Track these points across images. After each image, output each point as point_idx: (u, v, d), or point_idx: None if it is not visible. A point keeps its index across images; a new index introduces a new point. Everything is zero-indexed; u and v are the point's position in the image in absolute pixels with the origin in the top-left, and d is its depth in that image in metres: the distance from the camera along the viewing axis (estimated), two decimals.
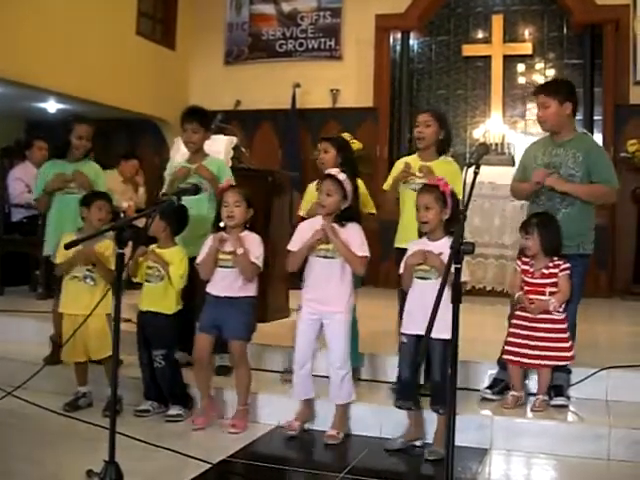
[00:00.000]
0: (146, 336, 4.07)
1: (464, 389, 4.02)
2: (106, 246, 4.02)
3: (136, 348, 4.11)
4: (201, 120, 4.45)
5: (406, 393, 3.61)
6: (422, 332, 3.41)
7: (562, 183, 3.90)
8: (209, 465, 3.30)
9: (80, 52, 7.85)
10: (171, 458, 3.37)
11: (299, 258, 3.77)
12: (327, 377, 3.83)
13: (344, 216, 3.73)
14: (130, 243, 3.01)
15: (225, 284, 3.85)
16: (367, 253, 3.74)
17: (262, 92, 9.32)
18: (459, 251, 2.51)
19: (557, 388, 3.93)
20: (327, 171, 3.84)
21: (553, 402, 3.88)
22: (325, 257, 3.73)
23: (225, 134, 5.57)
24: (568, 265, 3.83)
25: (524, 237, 3.85)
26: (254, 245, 3.85)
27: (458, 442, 2.58)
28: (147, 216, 3.26)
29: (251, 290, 3.90)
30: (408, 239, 3.85)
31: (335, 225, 3.71)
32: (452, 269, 2.52)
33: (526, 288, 3.89)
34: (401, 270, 3.64)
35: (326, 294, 3.74)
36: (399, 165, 4.26)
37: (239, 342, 3.87)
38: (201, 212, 4.29)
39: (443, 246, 3.47)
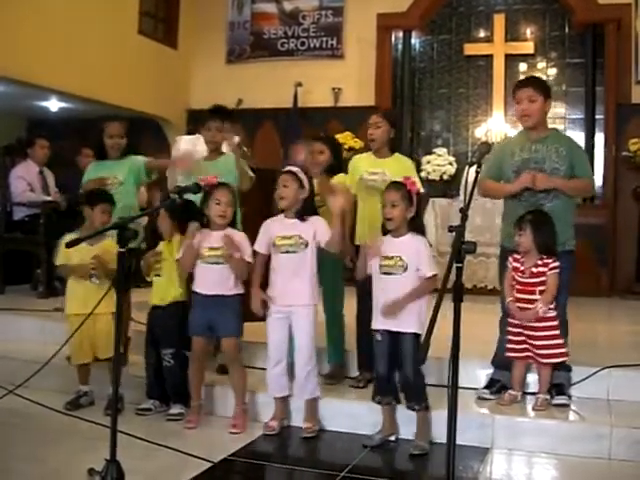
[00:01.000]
0: (154, 335, 4.07)
1: (464, 388, 4.02)
2: (109, 244, 4.02)
3: (143, 346, 4.12)
4: (227, 119, 4.46)
5: (384, 389, 3.66)
6: (392, 327, 3.54)
7: (551, 180, 3.90)
8: (210, 464, 3.30)
9: (82, 51, 7.86)
10: (172, 457, 3.37)
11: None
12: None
13: (303, 210, 3.78)
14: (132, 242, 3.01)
15: (214, 281, 3.85)
16: (329, 235, 3.76)
17: (264, 91, 9.32)
18: (460, 250, 2.51)
19: (558, 387, 3.93)
20: (288, 168, 3.88)
21: (554, 401, 3.88)
22: (287, 252, 3.77)
23: None
24: (557, 264, 3.82)
25: (517, 233, 3.85)
26: (244, 243, 3.88)
27: (459, 441, 2.57)
28: (150, 214, 3.27)
29: (240, 287, 3.91)
30: (364, 235, 4.00)
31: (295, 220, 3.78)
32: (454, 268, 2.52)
33: (517, 287, 3.89)
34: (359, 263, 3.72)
35: (290, 289, 3.77)
36: (353, 163, 4.39)
37: (233, 340, 3.89)
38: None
39: (407, 242, 3.59)
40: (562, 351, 3.84)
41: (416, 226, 3.64)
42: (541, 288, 3.81)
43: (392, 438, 3.72)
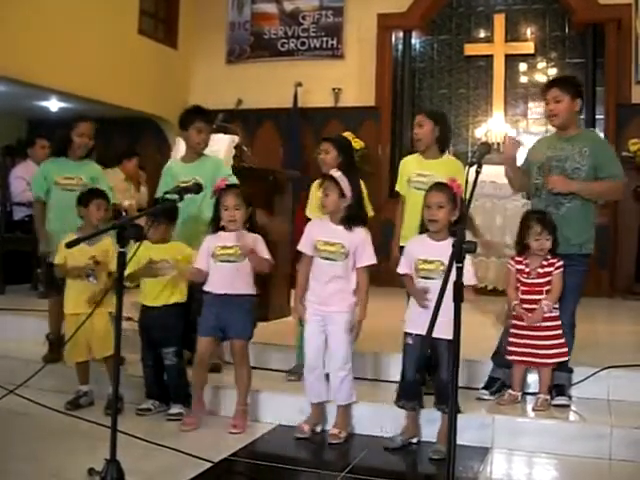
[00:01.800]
0: (152, 338, 4.05)
1: (466, 388, 4.03)
2: (108, 244, 4.02)
3: (140, 345, 4.11)
4: (208, 119, 4.45)
5: (409, 393, 3.62)
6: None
7: (569, 184, 3.88)
8: (210, 464, 3.30)
9: (82, 51, 7.86)
10: (172, 457, 3.37)
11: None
12: None
13: (349, 218, 3.71)
14: (132, 242, 3.01)
15: (226, 281, 3.82)
16: (374, 261, 3.74)
17: (264, 91, 9.32)
18: (461, 250, 2.51)
19: (559, 387, 3.93)
20: (330, 172, 3.83)
21: (555, 402, 3.88)
22: (327, 259, 3.72)
23: (227, 133, 5.57)
24: (562, 263, 3.83)
25: (546, 238, 3.80)
26: (260, 245, 3.85)
27: (460, 441, 2.57)
28: (149, 215, 3.26)
29: (252, 288, 3.88)
30: (410, 238, 3.86)
31: (341, 228, 3.70)
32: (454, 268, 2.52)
33: (522, 288, 3.88)
34: (400, 270, 3.68)
35: (327, 295, 3.73)
36: (402, 165, 4.34)
37: (242, 341, 3.87)
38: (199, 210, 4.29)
39: (447, 247, 3.45)
40: (563, 350, 3.84)
41: (457, 230, 3.56)
42: (548, 288, 3.82)
43: (414, 441, 3.69)
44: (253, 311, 3.89)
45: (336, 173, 3.73)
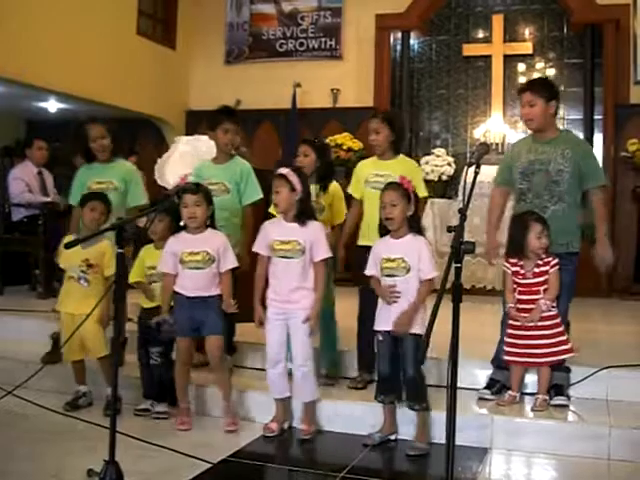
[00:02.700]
0: (147, 336, 4.07)
1: (463, 389, 4.02)
2: (105, 247, 4.02)
3: (136, 347, 4.12)
4: (235, 120, 4.44)
5: (387, 387, 3.67)
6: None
7: (603, 244, 3.91)
8: (209, 465, 3.30)
9: (80, 51, 7.85)
10: (171, 458, 3.37)
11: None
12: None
13: (301, 212, 3.75)
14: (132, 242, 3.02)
15: (196, 285, 3.84)
16: (329, 254, 3.81)
17: (262, 92, 9.32)
18: (459, 250, 2.51)
19: (557, 388, 3.93)
20: (279, 170, 3.86)
21: (553, 402, 3.88)
22: (284, 257, 3.75)
23: None
24: (557, 260, 3.84)
25: (545, 235, 3.81)
26: (226, 247, 3.88)
27: (458, 441, 2.57)
28: (149, 216, 3.26)
29: (219, 289, 3.90)
30: (371, 237, 3.95)
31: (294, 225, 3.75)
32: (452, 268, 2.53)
33: (519, 289, 3.89)
34: (367, 272, 3.73)
35: (288, 293, 3.76)
36: (359, 169, 4.39)
37: (218, 337, 3.88)
38: None
39: (409, 242, 3.59)
40: (567, 347, 3.84)
41: (416, 226, 3.64)
42: (545, 287, 3.83)
43: (392, 437, 3.73)
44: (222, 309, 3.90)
45: (284, 170, 3.78)
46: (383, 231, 3.68)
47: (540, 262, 3.84)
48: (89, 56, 7.97)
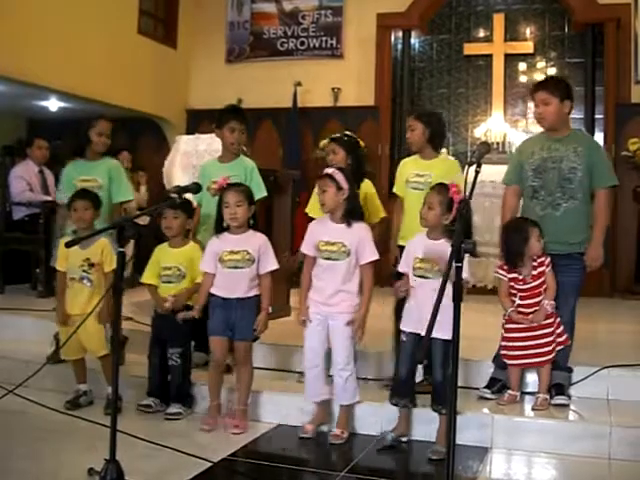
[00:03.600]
0: (161, 336, 4.06)
1: (465, 388, 4.03)
2: (103, 244, 4.01)
3: (141, 346, 4.12)
4: (242, 119, 4.43)
5: (402, 391, 3.64)
6: (421, 331, 3.46)
7: (595, 249, 3.89)
8: (210, 464, 3.30)
9: (82, 50, 7.85)
10: (172, 457, 3.37)
11: None
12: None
13: (348, 213, 3.71)
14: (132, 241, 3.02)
15: (233, 286, 3.81)
16: (376, 256, 3.74)
17: (263, 91, 9.31)
18: (460, 249, 2.50)
19: (558, 387, 3.93)
20: (325, 170, 3.84)
21: (554, 401, 3.88)
22: (329, 259, 3.72)
23: None
24: (549, 259, 3.85)
25: (541, 239, 3.80)
26: (267, 250, 3.86)
27: (459, 441, 2.58)
28: (150, 214, 3.26)
29: (256, 289, 3.88)
30: (409, 237, 3.87)
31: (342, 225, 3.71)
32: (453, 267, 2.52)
33: (520, 294, 3.88)
34: (400, 269, 3.69)
35: (329, 295, 3.73)
36: (401, 167, 4.34)
37: (247, 343, 3.87)
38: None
39: (441, 246, 3.52)
40: (564, 338, 3.86)
41: (452, 232, 3.58)
42: (545, 287, 3.83)
43: (404, 439, 3.70)
44: (257, 310, 3.88)
45: (330, 170, 3.75)
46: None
47: (536, 264, 3.83)
48: (90, 55, 7.96)
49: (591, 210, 3.99)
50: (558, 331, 3.86)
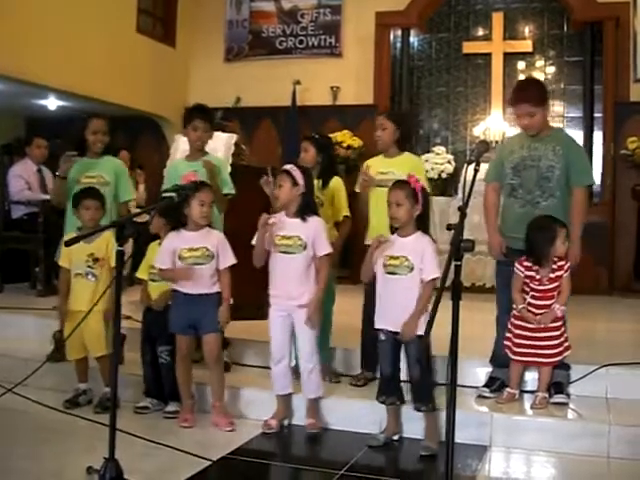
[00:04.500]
0: (152, 334, 4.07)
1: (462, 386, 4.03)
2: (108, 238, 4.02)
3: (139, 345, 4.12)
4: (210, 118, 4.48)
5: (388, 389, 3.65)
6: (396, 329, 3.51)
7: (573, 248, 3.87)
8: (209, 462, 3.30)
9: (80, 49, 7.84)
10: (171, 455, 3.37)
11: (258, 253, 3.80)
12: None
13: (303, 207, 3.77)
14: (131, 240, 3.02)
15: (195, 283, 3.84)
16: (329, 249, 3.81)
17: (262, 89, 9.31)
18: (459, 248, 2.51)
19: (557, 385, 3.94)
20: (283, 167, 3.88)
21: (553, 399, 3.88)
22: (286, 252, 3.76)
23: (225, 131, 5.57)
24: (569, 264, 3.84)
25: (565, 242, 3.78)
26: (225, 244, 3.90)
27: (458, 439, 2.58)
28: (148, 213, 3.27)
29: (218, 285, 3.90)
30: (375, 235, 3.90)
31: (292, 220, 3.76)
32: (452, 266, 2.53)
33: (533, 294, 3.86)
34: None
35: (291, 289, 3.77)
36: (365, 166, 4.36)
37: (214, 335, 3.88)
38: None
39: (413, 242, 3.56)
40: (566, 345, 3.86)
41: (423, 225, 3.61)
42: (559, 290, 3.83)
43: (395, 438, 3.72)
44: (218, 307, 3.89)
45: (288, 166, 3.82)
46: (393, 229, 3.65)
47: (555, 267, 3.82)
48: (89, 54, 7.96)
49: (569, 208, 3.97)
50: (565, 336, 3.86)
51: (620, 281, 8.05)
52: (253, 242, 3.85)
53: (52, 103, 8.99)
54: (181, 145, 5.14)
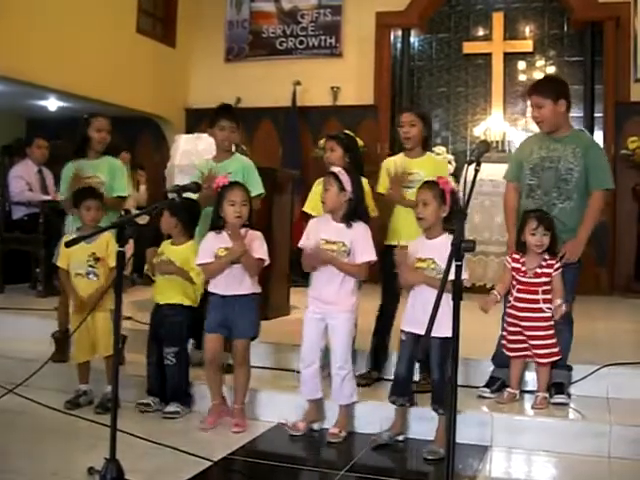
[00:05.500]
0: (159, 335, 4.07)
1: (465, 386, 4.03)
2: (108, 238, 4.02)
3: (140, 345, 4.12)
4: (236, 117, 4.45)
5: (401, 389, 3.64)
6: (420, 331, 3.42)
7: (576, 244, 3.88)
8: (210, 462, 3.30)
9: (80, 50, 7.84)
10: (172, 456, 3.37)
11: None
12: None
13: (349, 214, 3.70)
14: (131, 241, 3.02)
15: (231, 283, 3.81)
16: (371, 257, 3.72)
17: (262, 90, 9.31)
18: (460, 248, 2.51)
19: (558, 386, 3.94)
20: (331, 169, 3.83)
21: (554, 400, 3.88)
22: None
23: None
24: (559, 264, 3.84)
25: (542, 233, 3.78)
26: (259, 241, 3.84)
27: (459, 439, 2.58)
28: (149, 214, 3.27)
29: (256, 287, 3.88)
30: (400, 237, 3.94)
31: (341, 225, 3.69)
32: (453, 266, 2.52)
33: (518, 287, 3.88)
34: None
35: (329, 294, 3.73)
36: (387, 166, 4.30)
37: (245, 341, 3.86)
38: None
39: (441, 243, 3.49)
40: (555, 350, 3.85)
41: (455, 228, 3.58)
42: (545, 288, 3.82)
43: (400, 438, 3.70)
44: (258, 309, 3.89)
45: (336, 169, 3.75)
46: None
47: (544, 263, 3.83)
48: (89, 54, 7.95)
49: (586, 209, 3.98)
50: (553, 341, 3.85)
51: (621, 281, 8.05)
52: (299, 244, 3.82)
53: (52, 104, 8.99)
54: (181, 145, 5.15)
